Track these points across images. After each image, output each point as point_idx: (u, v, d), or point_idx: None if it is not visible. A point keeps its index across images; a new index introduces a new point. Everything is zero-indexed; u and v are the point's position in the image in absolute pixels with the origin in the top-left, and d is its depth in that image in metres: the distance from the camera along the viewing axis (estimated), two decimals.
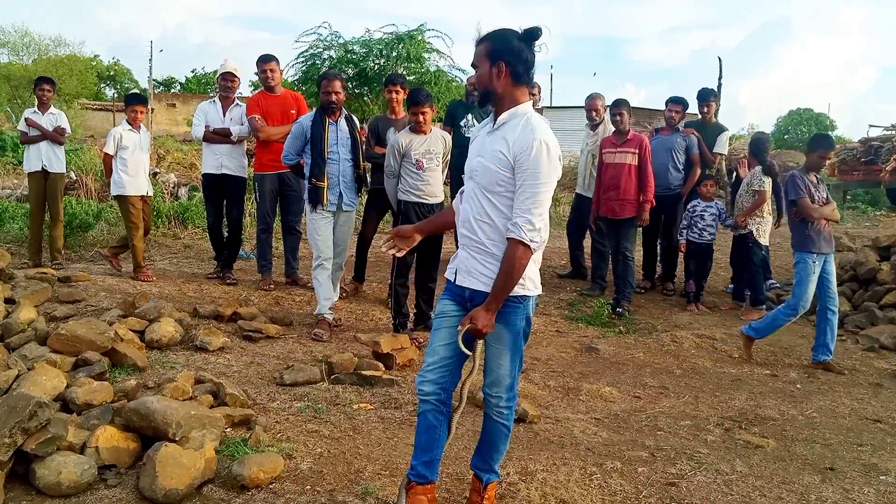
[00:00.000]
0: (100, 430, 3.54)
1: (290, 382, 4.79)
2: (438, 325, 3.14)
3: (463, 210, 3.05)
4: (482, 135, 3.08)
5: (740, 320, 7.36)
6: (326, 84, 5.96)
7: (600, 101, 8.01)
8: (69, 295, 6.18)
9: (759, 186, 7.44)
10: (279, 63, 7.28)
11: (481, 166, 2.96)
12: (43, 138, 7.68)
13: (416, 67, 18.34)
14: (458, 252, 3.12)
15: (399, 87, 6.61)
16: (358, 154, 6.03)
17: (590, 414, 4.69)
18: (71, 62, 39.37)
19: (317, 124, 5.93)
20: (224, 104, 7.43)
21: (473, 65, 3.01)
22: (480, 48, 2.96)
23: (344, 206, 6.04)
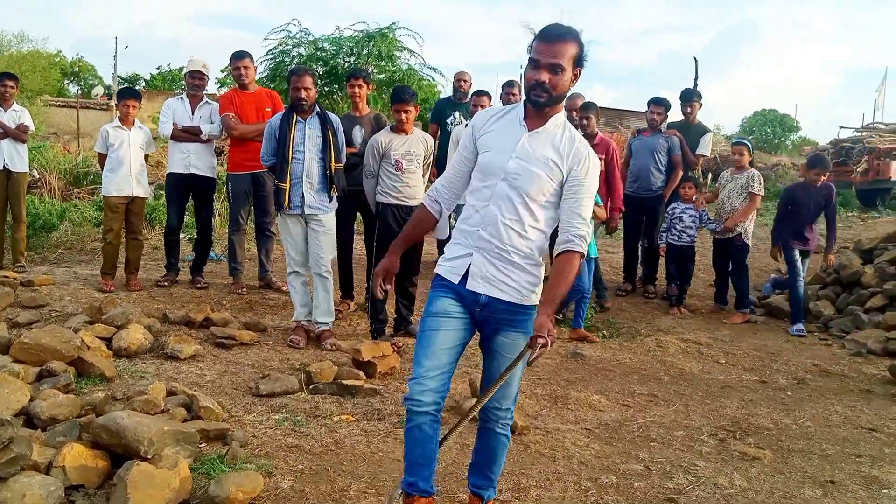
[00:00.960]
0: (66, 449, 3.30)
1: (266, 393, 4.57)
2: (438, 325, 2.87)
3: (489, 213, 2.81)
4: (513, 133, 2.85)
5: (723, 324, 7.29)
6: (296, 80, 5.63)
7: (580, 100, 7.85)
8: (32, 300, 5.89)
9: (758, 189, 7.33)
10: (253, 60, 7.02)
11: (525, 171, 2.79)
12: (5, 136, 7.34)
13: (387, 66, 18.16)
14: (464, 253, 2.88)
15: (362, 80, 6.41)
16: (328, 153, 5.67)
17: (580, 424, 4.53)
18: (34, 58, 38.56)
19: (283, 123, 5.63)
20: (192, 101, 7.15)
21: (555, 65, 2.69)
22: (570, 49, 2.71)
23: (307, 208, 5.64)
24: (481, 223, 2.83)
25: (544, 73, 2.71)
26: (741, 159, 7.54)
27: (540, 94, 2.74)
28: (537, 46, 2.74)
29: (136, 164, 6.96)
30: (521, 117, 2.87)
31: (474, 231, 2.85)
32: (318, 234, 5.71)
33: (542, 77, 2.71)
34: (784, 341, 6.80)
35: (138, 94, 7.36)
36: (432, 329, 2.86)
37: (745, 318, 7.42)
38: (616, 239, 11.64)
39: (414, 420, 2.84)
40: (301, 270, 5.78)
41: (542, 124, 2.84)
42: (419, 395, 2.80)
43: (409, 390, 2.84)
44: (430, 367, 2.82)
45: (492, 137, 2.89)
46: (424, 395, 2.80)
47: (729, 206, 7.44)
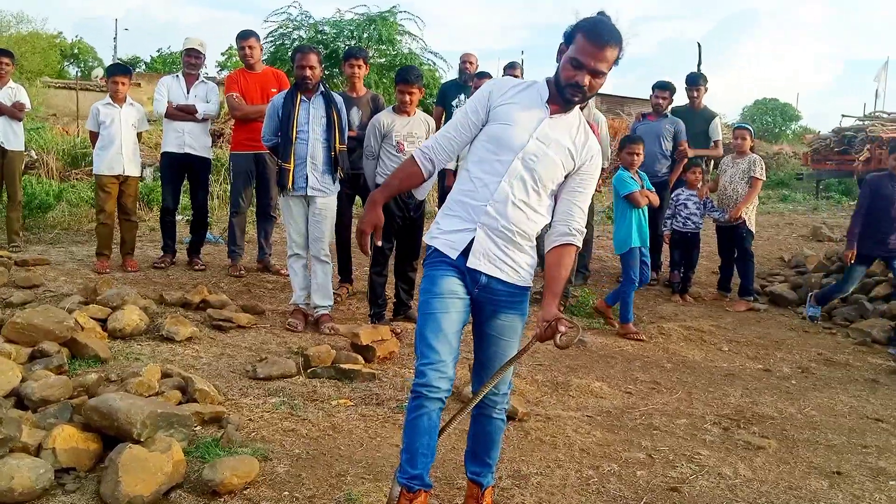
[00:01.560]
0: (57, 430, 3.23)
1: (263, 376, 4.49)
2: (446, 307, 2.70)
3: (500, 189, 2.68)
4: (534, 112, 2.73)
5: (726, 311, 7.22)
6: (301, 58, 5.50)
7: None
8: (27, 280, 5.80)
9: (760, 174, 7.23)
10: (259, 39, 6.89)
11: (544, 155, 2.70)
12: (0, 114, 7.24)
13: (388, 50, 18.04)
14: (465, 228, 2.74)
15: (361, 60, 6.29)
16: (332, 134, 5.56)
17: (581, 411, 4.46)
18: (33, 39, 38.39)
19: (287, 102, 5.52)
20: (188, 80, 7.02)
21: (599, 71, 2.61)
22: (614, 53, 2.63)
23: (310, 189, 5.53)
24: (490, 198, 2.71)
25: (586, 77, 2.62)
26: (743, 144, 7.43)
27: (576, 94, 2.66)
28: (583, 45, 2.61)
29: (127, 142, 6.79)
30: (544, 98, 2.75)
31: (480, 206, 2.72)
32: (319, 217, 5.60)
33: (583, 80, 2.62)
34: (788, 329, 6.72)
35: (128, 71, 7.24)
36: (441, 311, 2.70)
37: (749, 306, 7.34)
38: None
39: (425, 407, 2.67)
40: (301, 253, 5.68)
41: (564, 111, 2.76)
42: (436, 381, 2.65)
43: (426, 375, 2.64)
44: (444, 351, 2.67)
45: (511, 110, 2.75)
46: (441, 382, 2.66)
47: (731, 192, 7.32)
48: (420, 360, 2.71)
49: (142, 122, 7.01)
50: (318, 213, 5.60)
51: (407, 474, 2.73)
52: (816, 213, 14.26)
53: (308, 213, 5.62)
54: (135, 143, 6.90)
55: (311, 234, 5.63)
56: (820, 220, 12.57)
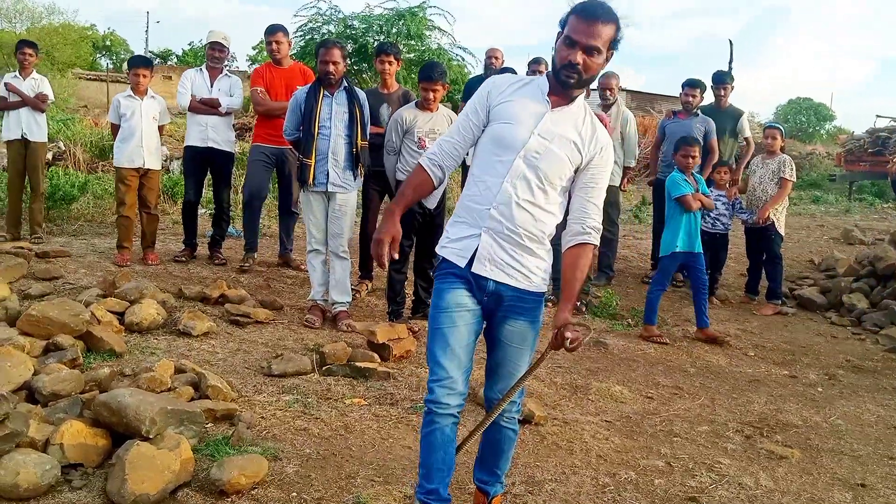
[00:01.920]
0: (65, 426, 3.20)
1: (278, 373, 4.44)
2: (453, 321, 2.65)
3: (502, 191, 2.59)
4: (535, 107, 2.63)
5: (753, 315, 7.06)
6: (324, 53, 5.44)
7: (615, 79, 7.58)
8: (46, 272, 5.81)
9: (790, 175, 7.06)
10: (287, 34, 6.81)
11: (547, 151, 2.59)
12: (23, 105, 7.26)
13: (417, 45, 18.00)
14: (471, 234, 2.65)
15: (392, 57, 6.19)
16: (355, 130, 5.51)
17: (600, 416, 4.36)
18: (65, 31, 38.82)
19: (310, 97, 5.47)
20: (211, 74, 6.98)
21: (592, 47, 2.49)
22: (609, 31, 2.51)
23: (330, 185, 5.47)
24: (493, 201, 2.61)
25: (579, 54, 2.51)
26: (773, 143, 7.25)
27: (571, 74, 2.54)
28: (575, 24, 2.52)
29: (148, 135, 6.73)
30: (545, 92, 2.65)
31: (484, 210, 2.63)
32: (339, 213, 5.56)
33: (576, 58, 2.51)
34: (816, 335, 6.57)
35: (150, 63, 7.16)
36: (448, 326, 2.65)
37: (777, 309, 7.18)
38: (646, 224, 11.41)
39: (437, 423, 2.65)
40: (321, 249, 5.63)
41: (567, 103, 2.64)
42: (445, 398, 2.62)
43: (433, 392, 2.64)
44: (452, 367, 2.63)
45: (511, 107, 2.66)
46: (451, 398, 2.63)
47: (760, 193, 7.16)
48: (430, 377, 2.68)
49: (163, 115, 6.96)
50: (337, 210, 5.55)
51: (424, 489, 2.69)
52: (848, 215, 13.97)
53: (328, 209, 5.57)
54: (156, 135, 6.85)
55: (330, 231, 5.58)
56: (852, 223, 12.31)
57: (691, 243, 6.00)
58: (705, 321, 6.10)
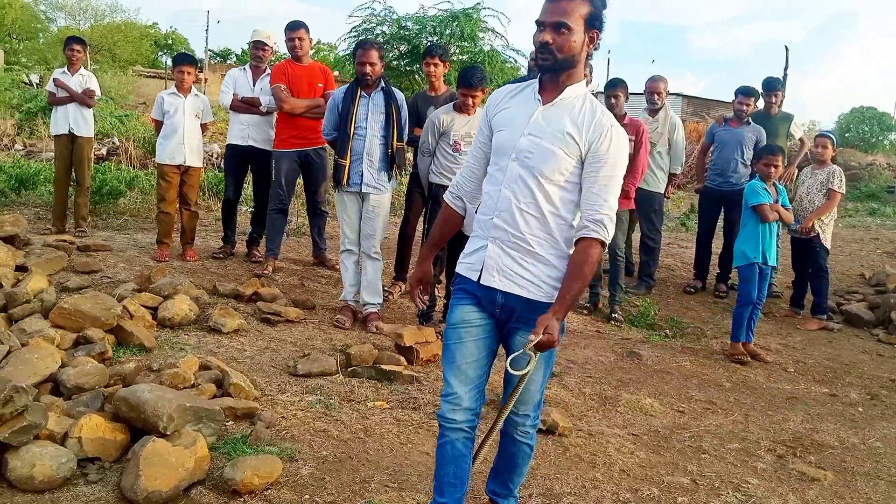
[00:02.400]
0: (84, 419, 3.23)
1: (303, 373, 4.44)
2: (460, 337, 2.63)
3: (502, 197, 2.54)
4: (527, 109, 2.58)
5: (796, 329, 6.85)
6: (361, 54, 5.42)
7: (663, 83, 7.40)
8: (86, 265, 5.90)
9: (838, 187, 6.83)
10: (309, 31, 6.74)
11: (538, 148, 2.50)
12: (71, 100, 7.41)
13: (470, 46, 17.96)
14: (480, 245, 2.61)
15: (438, 58, 6.12)
16: (391, 131, 5.49)
17: (627, 429, 4.26)
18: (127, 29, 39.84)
19: (347, 97, 5.47)
20: (254, 73, 7.01)
21: (559, 24, 2.42)
22: (579, 7, 2.44)
23: (364, 186, 5.47)
24: (495, 209, 2.56)
25: (548, 34, 2.45)
26: (824, 153, 7.00)
27: (545, 56, 2.47)
28: (543, 6, 2.49)
29: (190, 132, 6.79)
30: (536, 91, 2.60)
31: (488, 219, 2.59)
32: (372, 214, 5.55)
33: (545, 37, 2.45)
34: (861, 352, 6.33)
35: (194, 60, 7.22)
36: (454, 342, 2.65)
37: (821, 324, 6.95)
38: (693, 232, 11.18)
39: (447, 437, 2.67)
40: (354, 249, 5.63)
41: (557, 95, 2.55)
42: (451, 414, 2.64)
43: (441, 407, 2.67)
44: (458, 384, 2.63)
45: (506, 115, 2.62)
46: (457, 414, 2.63)
47: (808, 204, 6.92)
48: (441, 392, 2.70)
49: (206, 113, 7.02)
50: (370, 211, 5.54)
51: (436, 502, 2.69)
52: None
53: (362, 209, 5.56)
54: (198, 133, 6.91)
55: (363, 231, 5.58)
56: None
57: (765, 254, 5.79)
58: (750, 336, 5.91)
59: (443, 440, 2.68)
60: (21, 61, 32.54)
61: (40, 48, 36.86)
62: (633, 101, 7.64)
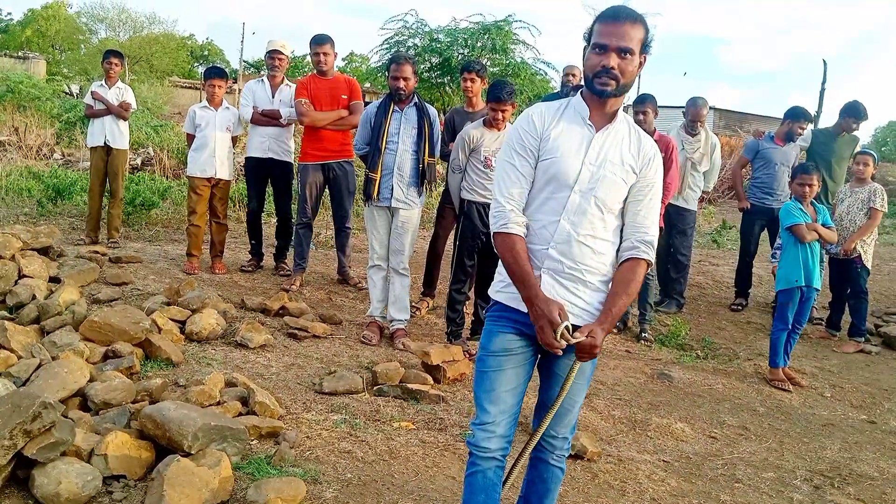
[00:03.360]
0: (111, 437, 3.22)
1: (329, 391, 4.41)
2: (500, 365, 2.57)
3: (560, 229, 2.49)
4: (579, 136, 2.52)
5: (833, 352, 6.69)
6: (395, 69, 5.43)
7: (705, 109, 7.30)
8: (117, 277, 5.94)
9: (881, 205, 6.66)
10: (334, 46, 6.69)
11: (603, 179, 2.48)
12: (107, 112, 7.48)
13: (501, 59, 17.95)
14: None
15: (475, 74, 6.10)
16: (422, 146, 5.47)
17: (658, 454, 4.17)
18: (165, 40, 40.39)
19: (380, 111, 5.48)
20: (272, 84, 7.01)
21: (625, 49, 2.39)
22: (639, 32, 2.43)
23: (394, 201, 5.45)
24: (550, 240, 2.51)
25: (613, 58, 2.40)
26: (864, 170, 6.84)
27: (607, 81, 2.42)
28: (602, 28, 2.43)
29: (220, 145, 6.84)
30: (586, 116, 2.53)
31: (542, 250, 2.52)
32: (401, 229, 5.54)
33: (610, 62, 2.39)
34: None
35: (224, 74, 7.25)
36: (494, 370, 2.58)
37: (859, 347, 6.78)
38: (724, 249, 11.02)
39: (478, 465, 2.61)
40: (382, 264, 5.62)
41: (609, 122, 2.52)
42: (485, 443, 2.58)
43: (475, 436, 2.60)
44: (496, 412, 2.57)
45: (556, 142, 2.53)
46: (491, 443, 2.58)
47: (848, 223, 6.75)
48: (473, 419, 2.64)
49: (237, 126, 7.06)
50: (400, 226, 5.53)
51: None
52: None
53: (391, 224, 5.54)
54: (228, 146, 6.95)
55: (392, 246, 5.57)
56: None
57: (808, 277, 5.62)
58: (786, 360, 5.77)
59: (474, 468, 2.62)
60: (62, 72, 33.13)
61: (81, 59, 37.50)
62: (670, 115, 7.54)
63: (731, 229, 12.59)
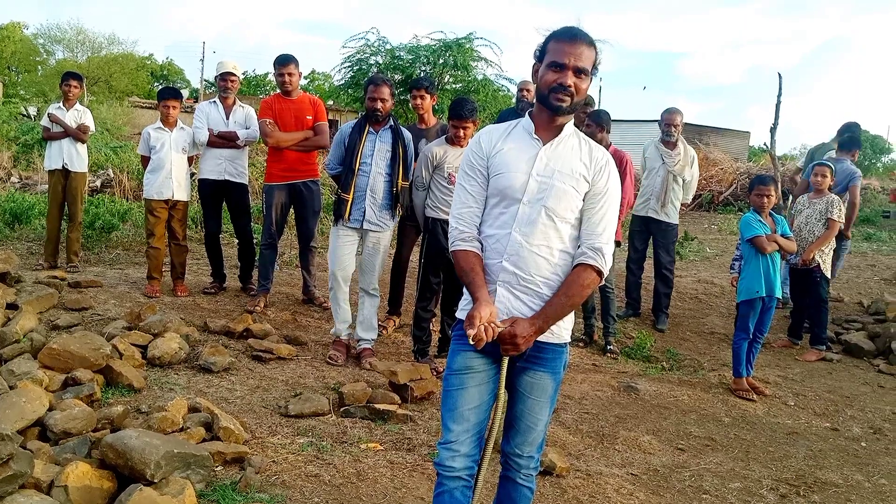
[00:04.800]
0: (71, 467, 3.14)
1: (294, 413, 4.36)
2: (463, 383, 2.57)
3: (512, 241, 2.52)
4: (527, 150, 2.57)
5: (795, 361, 6.78)
6: (373, 90, 5.38)
7: (679, 116, 7.34)
8: (76, 302, 5.83)
9: (838, 216, 6.78)
10: (298, 66, 6.66)
11: (550, 188, 2.51)
12: (65, 135, 7.37)
13: (463, 76, 18.08)
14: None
15: (424, 91, 6.08)
16: (396, 169, 5.44)
17: (626, 468, 4.18)
18: (124, 60, 40.07)
19: (354, 132, 5.43)
20: (225, 105, 6.93)
21: (582, 69, 2.46)
22: (591, 54, 2.50)
23: (366, 223, 5.43)
24: (504, 253, 2.53)
25: (570, 76, 2.45)
26: (822, 182, 6.95)
27: (563, 97, 2.47)
28: (558, 47, 2.48)
29: (176, 167, 6.73)
30: (532, 131, 2.59)
31: (497, 263, 2.54)
32: (373, 251, 5.51)
33: (567, 80, 2.45)
34: (862, 383, 6.24)
35: (179, 95, 7.14)
36: (456, 388, 2.58)
37: (821, 355, 6.88)
38: (687, 260, 11.14)
39: (445, 485, 2.59)
40: (345, 285, 5.57)
41: (556, 135, 2.58)
42: (450, 462, 2.56)
43: (439, 455, 2.59)
44: (459, 431, 2.56)
45: (504, 158, 2.58)
46: (456, 461, 2.56)
47: (806, 234, 6.86)
48: (439, 439, 2.63)
49: (193, 147, 6.93)
50: (371, 248, 5.51)
51: None
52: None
53: (359, 246, 5.52)
54: (185, 167, 6.86)
55: (363, 268, 5.56)
56: None
57: (770, 287, 5.70)
58: (749, 370, 5.84)
59: (441, 489, 2.60)
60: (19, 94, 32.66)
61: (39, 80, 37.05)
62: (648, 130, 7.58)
63: (694, 240, 12.75)
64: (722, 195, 20.53)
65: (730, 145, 28.01)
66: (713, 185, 20.45)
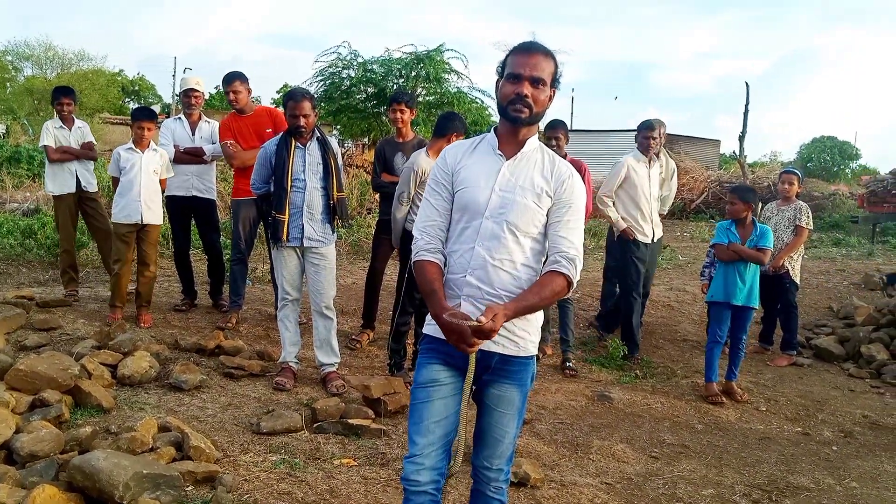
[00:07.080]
0: (37, 490, 3.09)
1: (267, 431, 4.32)
2: (428, 396, 2.57)
3: (475, 255, 2.52)
4: (490, 165, 2.59)
5: (767, 366, 6.84)
6: (294, 106, 5.14)
7: (662, 127, 7.25)
8: (44, 322, 5.74)
9: (806, 223, 6.87)
10: (246, 82, 6.55)
11: (511, 203, 2.53)
12: (74, 158, 7.07)
13: (436, 88, 18.12)
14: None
15: (404, 105, 6.05)
16: (330, 182, 5.24)
17: (600, 477, 4.18)
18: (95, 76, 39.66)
19: (280, 149, 5.20)
20: (190, 121, 6.87)
21: (537, 79, 2.48)
22: (550, 65, 2.53)
23: (306, 240, 5.20)
24: (468, 267, 2.54)
25: (527, 86, 2.48)
26: (790, 189, 7.05)
27: (521, 108, 2.50)
28: (515, 60, 2.52)
29: (147, 189, 6.33)
30: (495, 146, 2.61)
31: (460, 277, 2.55)
32: (318, 268, 5.27)
33: (523, 90, 2.48)
34: (832, 388, 6.32)
35: (154, 115, 6.86)
36: (421, 402, 2.58)
37: (791, 360, 6.96)
38: (659, 268, 11.21)
39: (412, 500, 2.57)
40: (294, 306, 5.37)
41: (519, 150, 2.60)
42: (415, 475, 2.54)
43: (405, 469, 2.57)
44: (425, 444, 2.55)
45: (468, 173, 2.61)
46: (421, 475, 2.54)
47: (775, 240, 6.92)
48: (406, 455, 2.61)
49: (166, 169, 6.60)
50: (317, 265, 5.27)
51: None
52: (871, 258, 13.66)
53: (304, 264, 5.31)
54: (156, 189, 6.48)
55: (312, 287, 5.30)
56: (874, 267, 12.00)
57: (727, 294, 5.73)
58: (733, 375, 5.89)
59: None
60: None
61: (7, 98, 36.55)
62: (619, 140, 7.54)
63: (666, 248, 12.85)
64: (694, 203, 20.75)
65: (701, 153, 28.27)
66: (685, 193, 20.64)
